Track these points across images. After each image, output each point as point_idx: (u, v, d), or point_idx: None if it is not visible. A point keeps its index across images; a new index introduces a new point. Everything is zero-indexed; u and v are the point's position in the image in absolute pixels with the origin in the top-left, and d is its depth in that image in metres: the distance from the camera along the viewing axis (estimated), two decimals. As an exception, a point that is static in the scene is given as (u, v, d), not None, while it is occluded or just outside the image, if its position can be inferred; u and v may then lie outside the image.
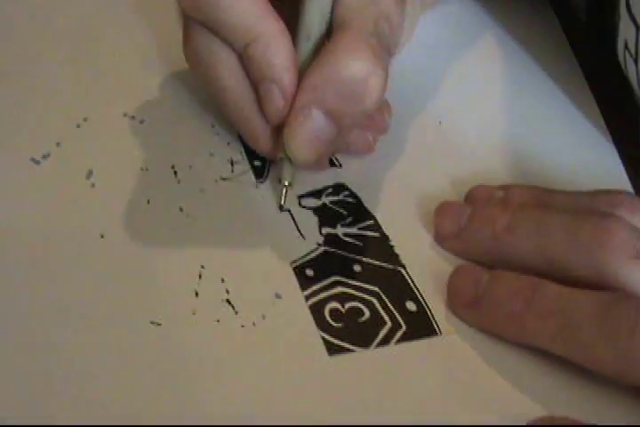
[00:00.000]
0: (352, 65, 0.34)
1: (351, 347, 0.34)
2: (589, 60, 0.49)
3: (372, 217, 0.39)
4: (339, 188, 0.40)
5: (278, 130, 0.37)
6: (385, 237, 0.38)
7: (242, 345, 0.34)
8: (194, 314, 0.35)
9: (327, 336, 0.35)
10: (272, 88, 0.36)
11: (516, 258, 0.36)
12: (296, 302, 0.36)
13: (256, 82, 0.36)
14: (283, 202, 0.38)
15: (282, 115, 0.36)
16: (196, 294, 0.35)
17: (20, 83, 0.42)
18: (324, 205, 0.39)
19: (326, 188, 0.40)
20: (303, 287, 0.36)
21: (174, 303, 0.35)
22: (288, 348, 0.34)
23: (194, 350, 0.34)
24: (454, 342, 0.35)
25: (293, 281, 0.36)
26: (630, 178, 0.43)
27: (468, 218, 0.37)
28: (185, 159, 0.40)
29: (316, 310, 0.35)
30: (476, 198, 0.39)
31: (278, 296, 0.36)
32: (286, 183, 0.38)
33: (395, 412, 0.33)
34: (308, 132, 0.35)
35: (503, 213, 0.37)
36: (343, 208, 0.39)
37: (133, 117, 0.41)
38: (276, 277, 0.36)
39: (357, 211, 0.39)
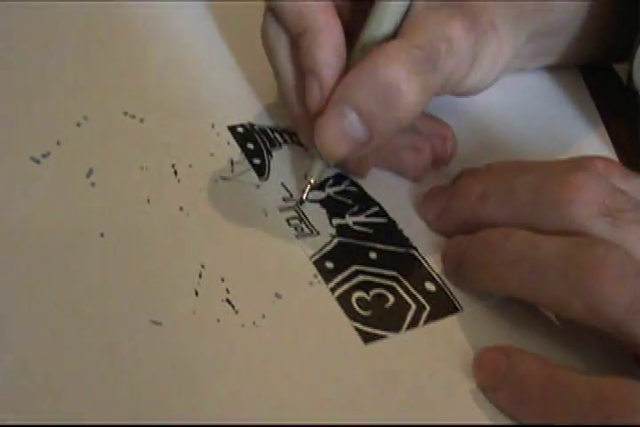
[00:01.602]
0: (385, 70, 0.34)
1: (384, 333, 0.35)
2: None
3: (377, 204, 0.40)
4: (339, 178, 0.41)
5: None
6: (392, 222, 0.39)
7: (242, 345, 0.34)
8: (194, 314, 0.35)
9: (359, 325, 0.35)
10: (313, 80, 0.37)
11: (491, 224, 0.36)
12: (296, 302, 0.36)
13: (303, 72, 0.38)
14: (305, 197, 0.39)
15: (318, 107, 0.37)
16: (196, 294, 0.35)
17: (21, 82, 0.42)
18: (329, 196, 0.40)
19: (327, 179, 0.40)
20: (327, 280, 0.37)
21: (174, 303, 0.35)
22: (289, 348, 0.34)
23: (194, 350, 0.34)
24: (476, 317, 0.36)
25: (293, 281, 0.36)
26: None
27: (448, 197, 0.38)
28: (185, 159, 0.40)
29: (344, 300, 0.36)
30: (460, 178, 0.40)
31: (278, 296, 0.36)
32: (312, 181, 0.38)
33: (434, 390, 0.34)
34: (338, 127, 0.35)
35: (477, 184, 0.37)
36: (348, 198, 0.40)
37: (133, 117, 0.41)
38: (275, 277, 0.36)
39: (361, 199, 0.40)
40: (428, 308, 0.36)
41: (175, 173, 0.39)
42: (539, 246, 0.33)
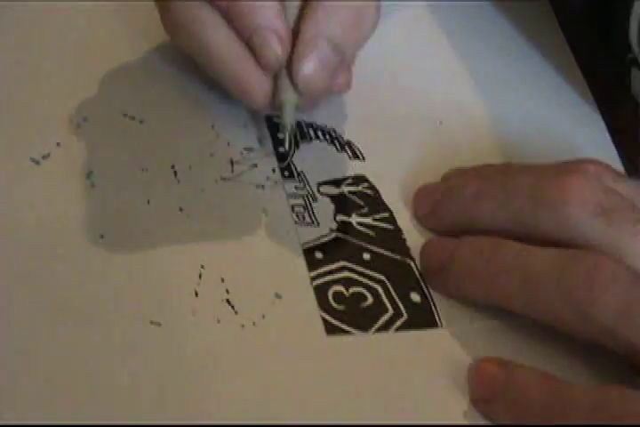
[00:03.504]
0: None
1: (349, 329, 0.35)
2: (589, 60, 0.49)
3: (389, 210, 0.40)
4: (359, 179, 0.41)
5: (273, 78, 0.38)
6: (398, 230, 0.39)
7: (242, 345, 0.34)
8: (194, 314, 0.35)
9: (327, 316, 0.35)
10: (268, 35, 0.37)
11: (486, 224, 0.36)
12: (296, 302, 0.36)
13: (248, 33, 0.37)
14: (287, 146, 0.40)
15: (281, 60, 0.38)
16: (196, 294, 0.35)
17: (20, 83, 0.42)
18: (342, 194, 0.40)
19: (346, 178, 0.40)
20: (310, 268, 0.37)
21: (174, 303, 0.35)
22: (289, 347, 0.34)
23: (194, 350, 0.34)
24: (454, 336, 0.36)
25: (293, 281, 0.36)
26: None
27: (440, 194, 0.38)
28: (185, 159, 0.40)
29: (320, 291, 0.36)
30: (451, 176, 0.40)
31: (278, 296, 0.36)
32: (288, 127, 0.39)
33: (385, 397, 0.33)
34: (317, 61, 0.37)
35: (472, 182, 0.37)
36: (360, 199, 0.40)
37: (133, 117, 0.41)
38: (275, 277, 0.36)
39: (374, 203, 0.40)
40: (405, 316, 0.36)
41: (175, 173, 0.39)
42: (531, 256, 0.33)
